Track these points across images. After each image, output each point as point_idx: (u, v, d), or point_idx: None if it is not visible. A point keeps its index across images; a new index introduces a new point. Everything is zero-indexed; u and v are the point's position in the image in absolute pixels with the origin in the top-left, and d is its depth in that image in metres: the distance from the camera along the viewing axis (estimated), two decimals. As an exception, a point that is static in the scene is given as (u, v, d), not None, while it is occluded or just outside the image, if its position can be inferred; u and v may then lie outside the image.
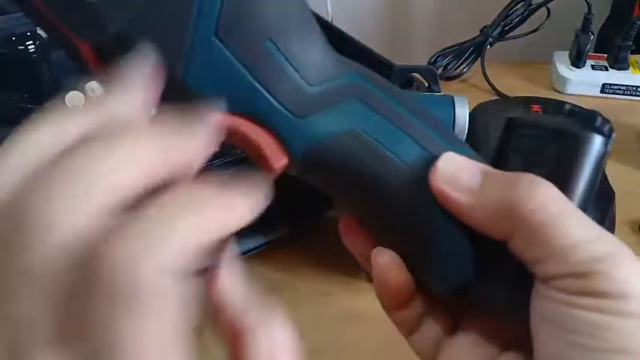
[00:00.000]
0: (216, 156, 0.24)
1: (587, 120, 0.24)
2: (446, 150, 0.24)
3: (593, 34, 0.75)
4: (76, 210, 0.16)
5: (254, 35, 0.22)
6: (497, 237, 0.23)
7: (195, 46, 0.22)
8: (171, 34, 0.21)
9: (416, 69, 0.54)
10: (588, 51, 0.75)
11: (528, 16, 0.78)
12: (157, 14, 0.21)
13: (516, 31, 0.79)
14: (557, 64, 0.78)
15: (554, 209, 0.22)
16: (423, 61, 0.77)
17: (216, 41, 0.22)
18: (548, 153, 0.24)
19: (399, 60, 0.58)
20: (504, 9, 0.77)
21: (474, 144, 0.56)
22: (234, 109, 0.23)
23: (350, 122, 0.24)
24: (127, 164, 0.17)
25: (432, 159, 0.24)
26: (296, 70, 0.23)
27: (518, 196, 0.22)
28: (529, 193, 0.22)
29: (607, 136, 0.24)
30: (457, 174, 0.23)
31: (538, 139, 0.24)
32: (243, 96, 0.23)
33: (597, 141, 0.23)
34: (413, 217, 0.24)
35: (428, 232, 0.24)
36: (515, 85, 0.78)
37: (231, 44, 0.22)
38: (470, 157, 0.24)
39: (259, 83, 0.23)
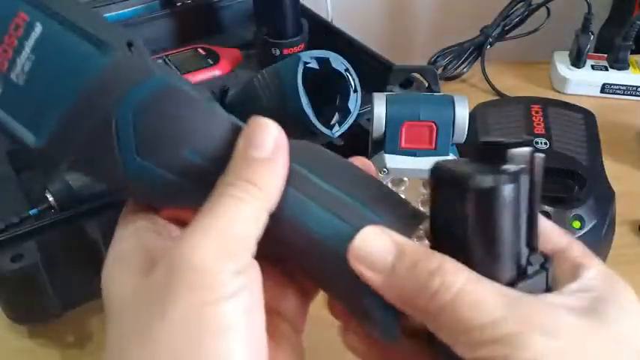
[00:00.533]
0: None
1: (498, 162, 0.23)
2: (371, 224, 0.24)
3: (593, 34, 0.75)
4: None
5: (172, 149, 0.26)
6: (415, 316, 0.23)
7: (128, 168, 0.25)
8: (106, 164, 0.26)
9: (416, 69, 0.54)
10: (588, 51, 0.75)
11: (528, 16, 0.78)
12: (90, 151, 0.25)
13: (516, 31, 0.79)
14: (557, 64, 0.78)
15: (452, 291, 0.21)
16: (423, 61, 0.77)
17: (140, 160, 0.25)
18: (461, 209, 0.23)
19: (399, 60, 0.58)
20: (504, 9, 0.77)
21: (474, 144, 0.56)
22: (172, 206, 0.27)
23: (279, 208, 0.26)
24: None
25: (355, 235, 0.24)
26: (216, 167, 0.26)
27: (420, 281, 0.22)
28: (428, 277, 0.22)
29: (523, 173, 0.22)
30: (370, 252, 0.24)
31: (450, 195, 0.23)
32: (177, 195, 0.26)
33: (506, 190, 0.22)
34: (343, 288, 0.26)
35: (355, 299, 0.25)
36: (515, 85, 0.77)
37: (154, 160, 0.25)
38: (400, 227, 0.25)
39: (188, 184, 0.26)
